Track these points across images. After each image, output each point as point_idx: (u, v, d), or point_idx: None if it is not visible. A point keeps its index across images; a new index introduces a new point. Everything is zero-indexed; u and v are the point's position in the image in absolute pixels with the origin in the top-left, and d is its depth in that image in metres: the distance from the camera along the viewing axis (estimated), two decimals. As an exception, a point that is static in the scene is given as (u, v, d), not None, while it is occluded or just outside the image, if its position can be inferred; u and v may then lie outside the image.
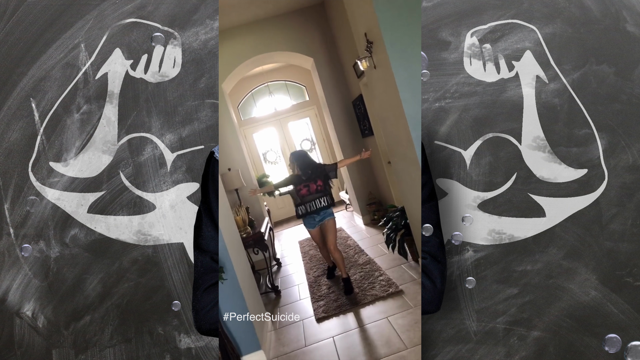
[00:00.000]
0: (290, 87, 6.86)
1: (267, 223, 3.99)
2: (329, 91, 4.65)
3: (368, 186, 4.78)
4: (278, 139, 6.99)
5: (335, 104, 4.71)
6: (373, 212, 4.55)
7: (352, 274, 2.90)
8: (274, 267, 3.95)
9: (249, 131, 6.92)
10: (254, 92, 6.79)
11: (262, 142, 7.01)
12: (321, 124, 6.84)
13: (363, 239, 4.05)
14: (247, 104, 6.85)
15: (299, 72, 6.54)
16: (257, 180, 5.45)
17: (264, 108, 6.83)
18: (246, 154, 4.98)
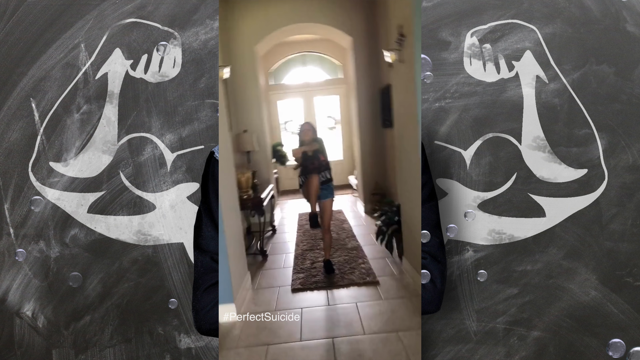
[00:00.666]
0: (325, 61, 6.64)
1: (270, 189, 3.99)
2: (360, 74, 4.55)
3: (377, 176, 4.72)
4: (302, 111, 6.83)
5: (364, 89, 4.60)
6: (376, 202, 4.50)
7: (338, 255, 2.96)
8: (269, 232, 4.01)
9: (275, 97, 6.75)
10: (290, 59, 6.59)
11: (285, 110, 6.84)
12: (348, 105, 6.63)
13: (359, 226, 4.09)
14: (279, 70, 6.68)
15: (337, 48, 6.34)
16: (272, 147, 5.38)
17: (295, 77, 6.66)
18: (265, 119, 4.90)
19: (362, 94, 4.60)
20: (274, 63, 6.55)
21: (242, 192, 3.24)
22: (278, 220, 4.61)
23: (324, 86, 6.72)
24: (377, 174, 4.71)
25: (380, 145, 4.65)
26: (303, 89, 6.72)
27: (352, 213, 4.79)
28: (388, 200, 3.12)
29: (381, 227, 2.64)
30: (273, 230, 4.11)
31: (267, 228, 4.03)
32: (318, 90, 6.74)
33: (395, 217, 2.55)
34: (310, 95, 6.77)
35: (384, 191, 4.61)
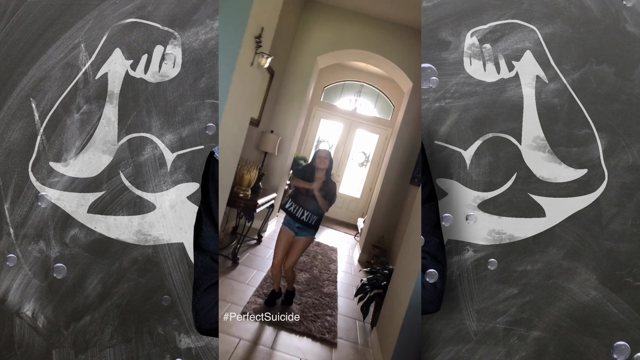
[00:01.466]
0: (380, 99, 6.71)
1: (271, 198, 3.73)
2: (407, 123, 4.39)
3: (384, 230, 4.48)
4: (339, 136, 6.87)
5: (405, 139, 4.40)
6: (373, 256, 4.27)
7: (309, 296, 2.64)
8: (253, 241, 3.82)
9: (320, 114, 6.78)
10: (347, 83, 6.63)
11: (325, 130, 6.88)
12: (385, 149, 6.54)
13: (345, 273, 3.76)
14: (333, 90, 6.73)
15: (396, 91, 6.29)
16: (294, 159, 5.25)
17: (346, 102, 6.71)
18: (299, 130, 4.74)
19: (401, 143, 4.41)
20: (331, 81, 6.61)
21: (240, 190, 3.05)
22: (269, 232, 4.36)
23: (369, 121, 6.75)
24: (387, 227, 4.49)
25: (400, 200, 4.42)
26: (349, 116, 6.76)
27: (346, 257, 4.49)
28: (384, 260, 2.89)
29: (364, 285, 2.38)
30: (258, 240, 3.88)
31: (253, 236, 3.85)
32: (362, 124, 6.79)
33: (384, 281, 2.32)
34: (353, 125, 6.81)
35: (385, 248, 4.38)
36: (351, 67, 6.34)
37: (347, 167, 6.95)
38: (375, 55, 4.24)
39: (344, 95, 6.75)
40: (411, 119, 4.37)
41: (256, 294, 2.38)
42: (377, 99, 6.73)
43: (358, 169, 6.97)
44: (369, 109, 6.77)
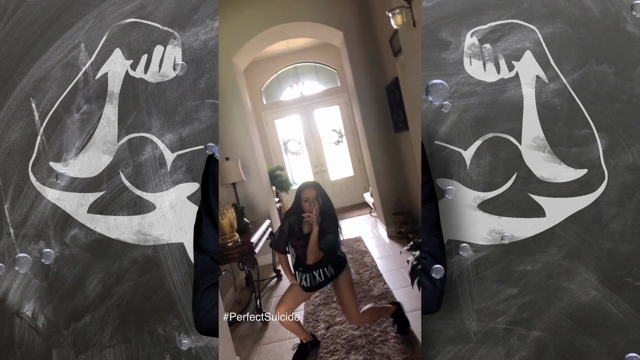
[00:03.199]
0: (320, 71, 6.13)
1: (265, 228, 3.10)
2: (359, 73, 3.79)
3: (397, 191, 3.83)
4: (302, 128, 6.35)
5: (366, 89, 3.80)
6: (400, 223, 3.69)
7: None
8: (273, 280, 3.22)
9: (271, 117, 6.22)
10: (280, 73, 6.04)
11: (284, 129, 6.33)
12: (352, 114, 5.96)
13: (384, 258, 3.18)
14: (271, 87, 6.14)
15: (330, 53, 5.73)
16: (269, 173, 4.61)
17: (289, 92, 6.11)
18: (256, 142, 4.12)
19: (364, 95, 3.85)
20: (264, 79, 6.05)
21: (226, 239, 2.50)
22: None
23: (322, 98, 6.21)
24: (398, 187, 3.84)
25: (395, 153, 3.87)
26: (300, 103, 6.19)
27: (374, 240, 3.81)
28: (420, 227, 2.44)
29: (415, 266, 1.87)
30: (277, 276, 3.24)
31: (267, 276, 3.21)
32: (316, 103, 6.25)
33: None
34: (309, 109, 6.29)
35: (409, 208, 3.74)
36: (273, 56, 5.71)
37: (325, 152, 6.46)
38: (287, 24, 3.59)
39: (283, 86, 6.13)
40: (361, 66, 3.81)
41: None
42: (316, 72, 6.14)
43: (336, 147, 6.46)
44: (314, 86, 6.17)
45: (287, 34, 3.98)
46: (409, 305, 2.03)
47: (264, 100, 6.19)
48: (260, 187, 3.98)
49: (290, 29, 3.79)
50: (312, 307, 2.29)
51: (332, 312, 2.14)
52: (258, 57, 5.49)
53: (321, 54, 5.94)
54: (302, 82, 6.02)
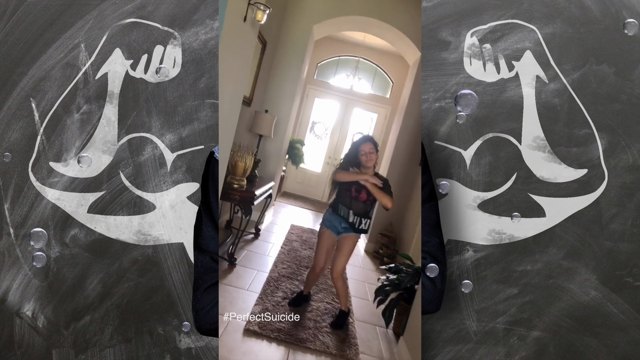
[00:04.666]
0: (378, 75, 6.19)
1: (268, 188, 3.31)
2: (416, 98, 3.85)
3: (393, 216, 3.99)
4: (336, 116, 6.37)
5: (415, 116, 3.88)
6: (381, 245, 3.89)
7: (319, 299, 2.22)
8: (250, 235, 3.43)
9: (314, 93, 6.26)
10: (342, 59, 6.10)
11: (319, 110, 6.37)
12: (385, 128, 6.06)
13: (354, 267, 3.32)
14: (328, 66, 6.20)
15: (396, 65, 5.78)
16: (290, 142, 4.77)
17: (341, 80, 6.16)
18: (295, 111, 4.20)
19: (409, 121, 3.91)
20: (326, 57, 6.09)
21: (234, 180, 2.68)
22: (266, 224, 3.91)
23: (367, 100, 6.28)
24: (396, 214, 4.00)
25: (409, 184, 3.95)
26: (346, 95, 6.26)
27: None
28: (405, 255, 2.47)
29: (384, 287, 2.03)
30: (256, 234, 3.50)
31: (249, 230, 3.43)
32: (359, 102, 6.31)
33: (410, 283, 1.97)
34: (350, 104, 6.34)
35: (395, 237, 3.95)
36: (347, 41, 5.79)
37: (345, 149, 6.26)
38: (377, 22, 3.66)
39: (339, 72, 6.20)
40: (419, 95, 3.84)
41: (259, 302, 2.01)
42: (374, 76, 6.23)
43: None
44: (365, 86, 6.24)
45: (370, 29, 4.04)
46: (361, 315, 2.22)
47: (315, 75, 6.26)
48: (279, 151, 4.09)
49: (376, 26, 3.85)
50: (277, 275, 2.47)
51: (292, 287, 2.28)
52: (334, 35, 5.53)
53: (387, 61, 6.03)
54: (358, 78, 6.10)
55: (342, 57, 6.16)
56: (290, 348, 1.69)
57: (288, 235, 3.70)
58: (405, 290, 1.99)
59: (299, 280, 2.45)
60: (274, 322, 1.78)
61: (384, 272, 2.18)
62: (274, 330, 1.73)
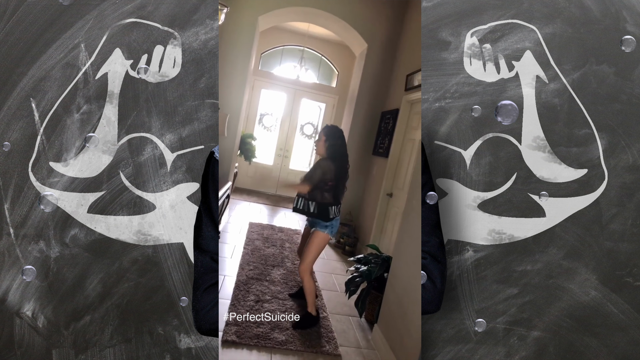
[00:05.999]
0: (323, 65, 6.21)
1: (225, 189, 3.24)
2: (364, 89, 3.93)
3: (351, 205, 3.99)
4: (283, 108, 6.33)
5: (364, 106, 3.96)
6: (342, 234, 3.87)
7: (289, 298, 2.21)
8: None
9: (260, 84, 6.17)
10: (286, 48, 6.06)
11: (266, 102, 6.28)
12: (334, 118, 6.09)
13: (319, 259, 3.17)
14: (272, 56, 6.12)
15: (341, 55, 5.80)
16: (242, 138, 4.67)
17: (287, 70, 6.11)
18: (245, 104, 4.10)
19: (360, 110, 3.97)
20: (270, 47, 6.02)
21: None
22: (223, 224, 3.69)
23: (314, 90, 6.25)
24: (354, 203, 4.00)
25: (365, 171, 4.00)
26: (293, 85, 6.17)
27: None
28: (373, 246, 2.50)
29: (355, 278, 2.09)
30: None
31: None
32: (307, 92, 6.29)
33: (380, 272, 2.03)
34: (297, 94, 6.28)
35: (355, 225, 3.97)
36: (290, 30, 5.73)
37: (295, 140, 6.47)
38: (321, 12, 3.71)
39: (284, 61, 6.11)
40: (368, 85, 3.92)
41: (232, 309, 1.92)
42: (320, 65, 6.20)
43: (307, 141, 6.48)
44: (312, 76, 6.20)
45: (316, 19, 4.01)
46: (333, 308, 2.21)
47: (260, 65, 6.13)
48: (232, 148, 3.99)
49: (322, 17, 3.82)
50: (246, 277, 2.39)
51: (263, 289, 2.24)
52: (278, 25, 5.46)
53: (331, 51, 5.98)
54: (306, 68, 6.04)
55: (286, 47, 6.06)
56: (271, 353, 1.67)
57: (248, 234, 3.58)
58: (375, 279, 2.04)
59: (268, 281, 2.39)
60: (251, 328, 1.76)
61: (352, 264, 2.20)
62: (252, 337, 1.70)
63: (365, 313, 2.11)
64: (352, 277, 2.13)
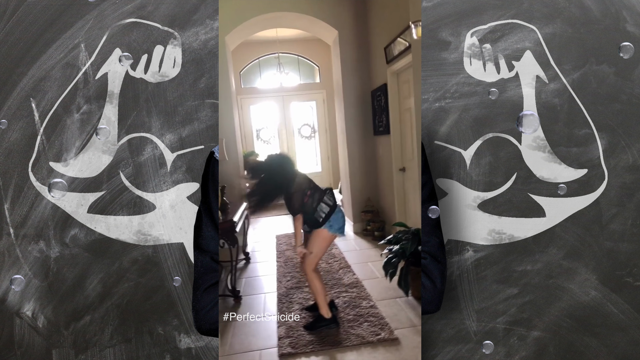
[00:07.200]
0: (302, 64, 6.20)
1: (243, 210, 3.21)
2: (348, 74, 3.90)
3: (368, 191, 4.02)
4: (277, 117, 6.29)
5: (352, 90, 3.94)
6: (367, 221, 3.87)
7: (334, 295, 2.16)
8: (241, 262, 3.29)
9: (247, 102, 6.17)
10: (262, 60, 6.03)
11: (259, 116, 6.25)
12: (327, 112, 6.08)
13: (350, 252, 3.21)
14: (251, 72, 6.10)
15: (316, 49, 5.84)
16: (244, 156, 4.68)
17: (269, 80, 6.04)
18: (237, 125, 4.15)
19: (350, 96, 3.94)
20: (245, 63, 6.00)
21: None
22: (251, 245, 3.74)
23: (300, 91, 6.20)
24: (370, 188, 4.00)
25: (371, 154, 3.98)
26: (278, 93, 6.13)
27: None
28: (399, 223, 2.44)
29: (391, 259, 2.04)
30: (247, 259, 3.36)
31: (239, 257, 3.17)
32: (294, 96, 6.23)
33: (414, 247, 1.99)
34: (286, 100, 6.26)
35: (377, 209, 3.96)
36: (260, 41, 5.71)
37: (296, 144, 6.37)
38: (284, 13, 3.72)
39: (263, 72, 6.06)
40: (350, 70, 3.88)
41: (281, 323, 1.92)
42: (298, 65, 6.17)
43: (308, 142, 6.38)
44: (294, 78, 6.15)
45: (282, 22, 4.03)
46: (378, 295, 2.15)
47: (241, 83, 6.13)
48: (238, 170, 3.97)
49: (286, 19, 3.82)
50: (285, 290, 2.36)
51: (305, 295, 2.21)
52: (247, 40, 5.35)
53: (305, 48, 5.98)
54: (285, 72, 5.97)
55: (261, 58, 6.06)
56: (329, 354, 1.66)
57: (277, 247, 3.59)
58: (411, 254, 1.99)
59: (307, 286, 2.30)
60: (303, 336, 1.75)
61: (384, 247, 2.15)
62: (306, 344, 1.69)
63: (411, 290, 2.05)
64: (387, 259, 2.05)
